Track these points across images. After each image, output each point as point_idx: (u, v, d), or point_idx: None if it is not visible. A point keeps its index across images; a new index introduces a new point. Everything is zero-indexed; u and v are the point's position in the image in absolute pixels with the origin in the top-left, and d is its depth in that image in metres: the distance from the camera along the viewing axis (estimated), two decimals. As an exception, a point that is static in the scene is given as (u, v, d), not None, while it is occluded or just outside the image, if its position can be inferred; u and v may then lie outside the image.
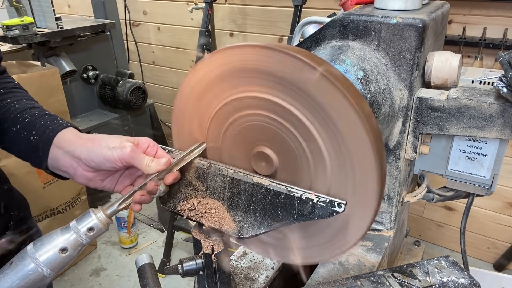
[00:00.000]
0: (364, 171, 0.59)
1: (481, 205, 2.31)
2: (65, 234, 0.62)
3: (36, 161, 0.75)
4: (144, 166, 0.67)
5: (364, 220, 0.62)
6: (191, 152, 0.71)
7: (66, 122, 0.77)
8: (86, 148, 0.70)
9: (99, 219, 0.64)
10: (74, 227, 0.63)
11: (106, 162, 0.68)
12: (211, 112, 0.69)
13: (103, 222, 0.64)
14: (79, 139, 0.73)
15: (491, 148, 0.96)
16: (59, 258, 0.61)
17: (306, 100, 0.59)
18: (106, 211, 0.65)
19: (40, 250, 0.60)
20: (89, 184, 0.73)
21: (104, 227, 0.64)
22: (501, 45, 1.90)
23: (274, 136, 0.64)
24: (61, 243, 0.61)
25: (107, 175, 0.74)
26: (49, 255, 0.60)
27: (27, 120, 0.78)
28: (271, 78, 0.61)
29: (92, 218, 0.63)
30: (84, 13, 3.45)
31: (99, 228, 0.64)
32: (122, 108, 2.93)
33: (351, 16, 0.94)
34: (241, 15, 2.68)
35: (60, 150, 0.72)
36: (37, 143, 0.74)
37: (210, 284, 0.70)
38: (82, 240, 0.62)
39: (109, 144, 0.69)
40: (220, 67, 0.65)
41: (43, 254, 0.60)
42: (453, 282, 0.78)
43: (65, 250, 0.61)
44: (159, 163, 0.67)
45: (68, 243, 0.61)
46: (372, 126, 0.57)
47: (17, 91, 0.86)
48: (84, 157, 0.70)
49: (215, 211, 0.67)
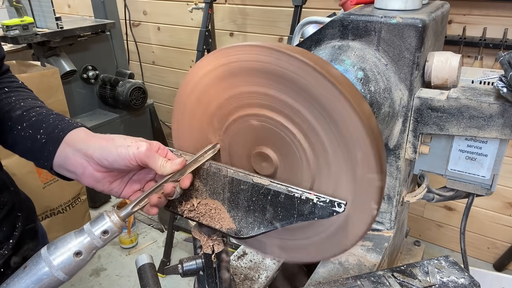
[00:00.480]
0: (364, 171, 0.59)
1: (481, 205, 2.31)
2: (79, 237, 0.61)
3: (41, 161, 0.74)
4: (158, 166, 0.66)
5: (364, 220, 0.62)
6: (204, 153, 0.70)
7: (76, 122, 0.76)
8: (100, 146, 0.68)
9: (113, 222, 0.62)
10: (88, 230, 0.61)
11: (120, 160, 0.66)
12: (210, 112, 0.69)
13: (117, 225, 0.62)
14: (92, 137, 0.71)
15: (491, 148, 0.96)
16: (74, 262, 0.60)
17: (306, 100, 0.59)
18: (120, 213, 0.63)
19: (54, 254, 0.59)
20: (96, 186, 0.71)
21: (118, 230, 0.63)
22: (501, 45, 1.89)
23: (274, 136, 0.64)
24: (75, 247, 0.60)
25: (117, 177, 0.71)
26: (63, 258, 0.59)
27: (34, 118, 0.76)
28: (271, 78, 0.61)
29: (106, 221, 0.62)
30: (84, 13, 3.45)
31: (113, 231, 0.62)
32: (122, 108, 2.93)
33: (351, 16, 0.94)
34: (241, 15, 2.68)
35: (70, 148, 0.70)
36: (44, 142, 0.73)
37: (210, 284, 0.71)
38: (97, 243, 0.61)
39: (124, 143, 0.67)
40: (219, 67, 0.65)
41: (57, 257, 0.59)
42: (453, 282, 0.78)
43: (79, 254, 0.60)
44: (174, 163, 0.66)
45: (82, 246, 0.60)
46: (372, 126, 0.57)
47: (21, 91, 0.85)
48: (97, 156, 0.68)
49: (215, 211, 0.67)
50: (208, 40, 2.28)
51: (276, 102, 0.62)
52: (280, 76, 0.60)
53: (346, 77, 0.61)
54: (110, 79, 2.86)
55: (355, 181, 0.60)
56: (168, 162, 0.66)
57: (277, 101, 0.62)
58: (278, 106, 0.62)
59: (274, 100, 0.62)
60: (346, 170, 0.60)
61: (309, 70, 0.57)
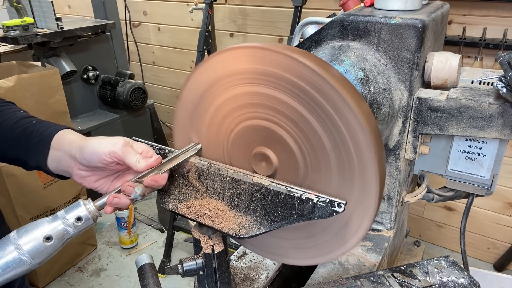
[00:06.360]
0: (363, 171, 0.59)
1: (481, 205, 2.31)
2: (51, 222, 0.61)
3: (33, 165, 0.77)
4: (134, 162, 0.67)
5: (364, 220, 0.62)
6: (185, 151, 0.71)
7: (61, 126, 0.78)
8: (79, 146, 0.70)
9: (88, 210, 0.63)
10: (61, 216, 0.61)
11: (95, 157, 0.68)
12: (210, 113, 0.69)
13: (92, 213, 0.63)
14: (76, 139, 0.73)
15: (491, 148, 0.96)
16: (43, 246, 0.59)
17: (306, 100, 0.59)
18: (95, 202, 0.64)
19: (23, 237, 0.59)
20: (83, 183, 0.73)
21: (92, 218, 0.63)
22: (501, 46, 1.90)
23: (274, 136, 0.64)
24: (46, 231, 0.59)
25: (101, 176, 0.73)
26: (32, 243, 0.58)
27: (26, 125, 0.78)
28: (271, 79, 0.61)
29: (82, 208, 0.63)
30: (85, 14, 3.45)
31: (87, 219, 0.62)
32: (122, 109, 2.93)
33: (351, 16, 0.94)
34: (241, 16, 2.69)
35: (59, 152, 0.73)
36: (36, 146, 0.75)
37: (210, 284, 0.71)
38: (69, 230, 0.61)
39: (101, 141, 0.69)
40: (218, 69, 0.65)
41: (26, 241, 0.58)
42: (453, 282, 0.78)
43: (49, 239, 0.59)
44: (149, 160, 0.67)
45: (54, 231, 0.60)
46: (372, 127, 0.57)
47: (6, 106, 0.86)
48: (78, 156, 0.70)
49: (215, 211, 0.67)
50: (208, 41, 2.28)
51: (276, 102, 0.62)
52: (280, 76, 0.60)
53: (345, 78, 0.61)
54: (110, 80, 2.86)
55: (355, 181, 0.60)
56: (143, 159, 0.67)
57: (277, 101, 0.62)
58: (278, 107, 0.62)
59: (274, 101, 0.62)
60: (346, 170, 0.60)
61: (309, 70, 0.57)
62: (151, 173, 0.67)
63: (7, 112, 0.81)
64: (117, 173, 0.74)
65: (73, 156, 0.71)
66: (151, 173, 0.67)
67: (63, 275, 2.48)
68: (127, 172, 0.73)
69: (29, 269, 0.59)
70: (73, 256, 2.54)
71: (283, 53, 0.58)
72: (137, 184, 0.66)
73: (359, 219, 0.62)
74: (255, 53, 0.61)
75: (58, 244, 0.61)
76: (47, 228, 0.60)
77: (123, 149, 0.67)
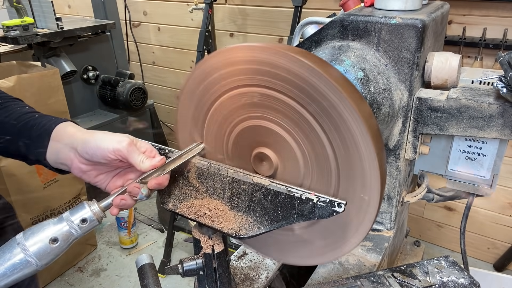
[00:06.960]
0: (364, 171, 0.59)
1: (481, 205, 2.31)
2: (57, 224, 0.61)
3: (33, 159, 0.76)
4: (138, 162, 0.67)
5: (365, 220, 0.62)
6: (188, 151, 0.71)
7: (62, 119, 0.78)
8: (82, 140, 0.70)
9: (93, 211, 0.63)
10: (67, 218, 0.62)
11: (99, 153, 0.68)
12: (210, 113, 0.69)
13: (97, 214, 0.63)
14: (78, 131, 0.73)
15: (491, 148, 0.96)
16: (49, 248, 0.59)
17: (306, 100, 0.59)
18: (100, 204, 0.64)
19: (30, 239, 0.59)
20: (83, 177, 0.73)
21: (97, 220, 0.63)
22: (501, 46, 1.90)
23: (274, 136, 0.64)
24: (52, 233, 0.60)
25: (101, 172, 0.73)
26: (39, 245, 0.59)
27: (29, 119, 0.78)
28: (271, 79, 0.61)
29: (86, 210, 0.63)
30: (85, 14, 3.45)
31: (92, 220, 0.63)
32: (122, 109, 2.93)
33: (351, 16, 0.94)
34: (241, 16, 2.69)
35: (59, 143, 0.73)
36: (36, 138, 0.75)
37: (210, 284, 0.71)
38: (74, 231, 0.61)
39: (104, 137, 0.69)
40: (219, 69, 0.65)
41: (32, 243, 0.59)
42: (453, 282, 0.78)
43: (56, 241, 0.60)
44: (153, 160, 0.67)
45: (60, 233, 0.60)
46: (372, 127, 0.57)
47: None
48: (79, 149, 0.69)
49: (215, 211, 0.67)
50: (208, 41, 2.28)
51: (276, 102, 0.62)
52: (280, 77, 0.60)
53: (346, 78, 0.61)
54: (110, 80, 2.85)
55: (355, 181, 0.60)
56: (147, 159, 0.67)
57: (277, 101, 0.62)
58: (278, 107, 0.62)
59: (274, 101, 0.62)
60: (346, 170, 0.60)
61: (309, 70, 0.57)
62: (155, 173, 0.67)
63: (12, 108, 0.81)
64: (118, 170, 0.74)
65: (74, 148, 0.70)
66: (154, 173, 0.67)
67: (63, 275, 2.48)
68: (129, 170, 0.73)
69: (36, 270, 0.60)
70: (73, 256, 2.54)
71: (283, 52, 0.58)
72: (143, 186, 0.66)
73: (359, 220, 0.62)
74: (255, 53, 0.61)
75: (64, 245, 0.61)
76: (53, 230, 0.61)
77: (128, 148, 0.67)
